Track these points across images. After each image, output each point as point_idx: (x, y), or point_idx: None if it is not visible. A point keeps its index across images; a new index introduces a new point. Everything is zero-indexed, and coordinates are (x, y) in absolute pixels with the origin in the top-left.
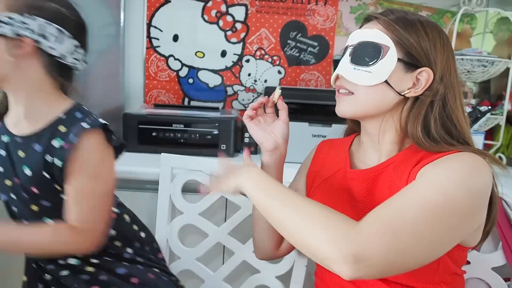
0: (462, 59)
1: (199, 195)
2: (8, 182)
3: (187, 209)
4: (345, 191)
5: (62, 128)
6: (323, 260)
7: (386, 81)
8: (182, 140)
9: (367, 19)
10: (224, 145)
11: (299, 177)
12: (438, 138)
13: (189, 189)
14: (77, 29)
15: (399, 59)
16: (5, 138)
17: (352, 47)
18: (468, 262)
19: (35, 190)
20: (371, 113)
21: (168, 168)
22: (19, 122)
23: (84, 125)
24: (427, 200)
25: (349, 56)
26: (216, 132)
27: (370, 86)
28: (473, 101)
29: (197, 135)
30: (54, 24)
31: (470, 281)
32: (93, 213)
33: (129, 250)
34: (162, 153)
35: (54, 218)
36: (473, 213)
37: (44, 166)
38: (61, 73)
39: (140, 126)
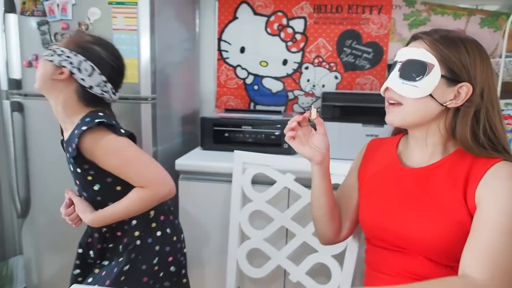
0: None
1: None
2: (73, 179)
3: (256, 197)
4: (395, 186)
5: (76, 131)
6: None
7: (430, 95)
8: (250, 140)
9: (414, 37)
10: (286, 144)
11: (352, 172)
12: (484, 143)
13: (258, 181)
14: (110, 69)
15: (442, 75)
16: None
17: (401, 63)
18: None
19: (78, 182)
20: (416, 122)
21: (240, 163)
22: (65, 131)
23: (83, 128)
24: (505, 226)
25: (398, 71)
26: (278, 132)
27: (416, 98)
28: None
29: (263, 135)
30: (89, 62)
31: None
32: (140, 171)
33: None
34: (234, 151)
35: (103, 197)
36: None
37: (74, 163)
38: (92, 99)
39: (214, 128)
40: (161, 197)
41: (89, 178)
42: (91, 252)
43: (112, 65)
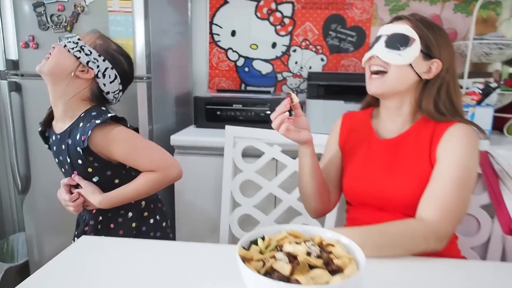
0: (481, 43)
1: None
2: (63, 169)
3: (246, 168)
4: (373, 155)
5: (81, 124)
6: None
7: (410, 64)
8: (240, 118)
9: (397, 18)
10: None
11: (332, 143)
12: (444, 112)
13: (247, 153)
14: (126, 79)
15: (421, 50)
16: (54, 137)
17: (386, 36)
18: None
19: (75, 172)
20: (396, 90)
21: (231, 137)
22: (57, 123)
23: (97, 121)
24: (455, 178)
25: (384, 42)
26: (268, 111)
27: (399, 65)
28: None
29: (253, 113)
30: (115, 71)
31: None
32: (149, 157)
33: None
34: (226, 126)
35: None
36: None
37: (77, 155)
38: (101, 99)
39: (207, 106)
40: (170, 180)
41: (90, 170)
42: None
43: (130, 78)
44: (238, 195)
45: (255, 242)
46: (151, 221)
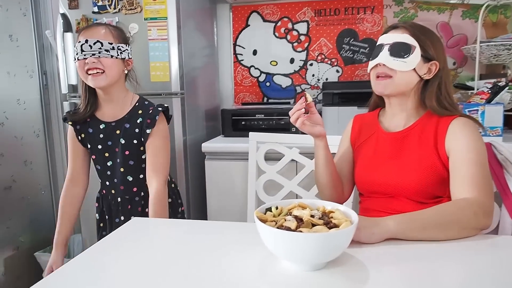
0: (488, 45)
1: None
2: (106, 154)
3: (268, 169)
4: (381, 148)
5: (140, 111)
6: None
7: (414, 69)
8: (263, 126)
9: (393, 26)
10: (294, 128)
11: (344, 141)
12: (446, 106)
13: (269, 156)
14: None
15: (421, 55)
16: (102, 126)
17: (388, 45)
18: None
19: (127, 152)
20: (401, 91)
21: (254, 142)
22: (111, 113)
23: (160, 108)
24: (475, 160)
25: (388, 51)
26: (287, 119)
27: (404, 71)
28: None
29: (274, 122)
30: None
31: None
32: (166, 160)
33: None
34: (250, 133)
35: (134, 176)
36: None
37: (134, 135)
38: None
39: (233, 117)
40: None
41: (141, 148)
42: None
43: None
44: (262, 194)
45: (269, 209)
46: (169, 200)
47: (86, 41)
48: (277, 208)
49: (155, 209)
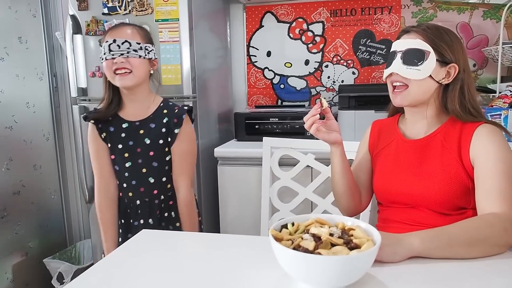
0: (511, 47)
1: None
2: (126, 155)
3: (283, 175)
4: (402, 156)
5: (165, 111)
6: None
7: (430, 75)
8: (277, 130)
9: (405, 31)
10: (309, 133)
11: (362, 148)
12: (470, 111)
13: (283, 162)
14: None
15: (436, 59)
16: (124, 125)
17: (401, 52)
18: None
19: (151, 153)
20: (420, 100)
21: (268, 147)
22: (135, 113)
23: (185, 108)
24: (502, 171)
25: (401, 59)
26: (303, 123)
27: (419, 79)
28: None
29: (288, 125)
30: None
31: None
32: (191, 167)
33: None
34: (264, 137)
35: (156, 178)
36: None
37: (160, 135)
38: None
39: (246, 121)
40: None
41: (166, 149)
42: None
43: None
44: (276, 201)
45: (285, 226)
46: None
47: (114, 40)
48: (293, 224)
49: (186, 216)
